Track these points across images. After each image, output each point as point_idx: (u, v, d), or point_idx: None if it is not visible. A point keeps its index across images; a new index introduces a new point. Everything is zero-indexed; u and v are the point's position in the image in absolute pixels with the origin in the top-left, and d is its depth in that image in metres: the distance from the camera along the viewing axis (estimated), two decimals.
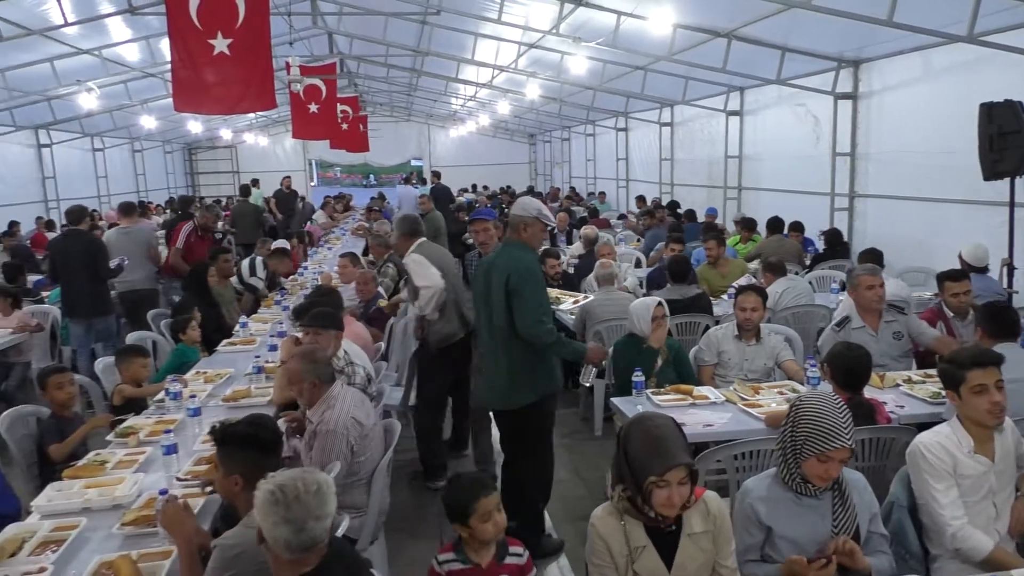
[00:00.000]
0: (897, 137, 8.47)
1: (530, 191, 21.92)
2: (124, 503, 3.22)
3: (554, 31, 10.15)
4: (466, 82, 16.33)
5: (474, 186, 23.31)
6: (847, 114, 9.24)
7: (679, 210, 12.35)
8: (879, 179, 8.92)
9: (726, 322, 5.32)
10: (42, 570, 2.67)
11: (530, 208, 4.11)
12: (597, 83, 13.11)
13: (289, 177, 17.31)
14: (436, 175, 18.83)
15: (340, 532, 2.90)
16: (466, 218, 14.92)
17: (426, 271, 5.22)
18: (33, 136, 15.87)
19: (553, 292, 5.78)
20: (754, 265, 8.03)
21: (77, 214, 8.12)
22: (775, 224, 8.99)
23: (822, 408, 2.56)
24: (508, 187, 22.54)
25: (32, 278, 9.07)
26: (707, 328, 5.73)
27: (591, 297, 6.22)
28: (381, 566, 3.66)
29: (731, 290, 6.75)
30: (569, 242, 12.00)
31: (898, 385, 4.42)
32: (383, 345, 5.78)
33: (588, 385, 4.38)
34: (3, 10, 8.32)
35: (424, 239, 5.58)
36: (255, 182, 17.25)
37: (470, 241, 12.79)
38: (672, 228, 9.88)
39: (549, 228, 4.35)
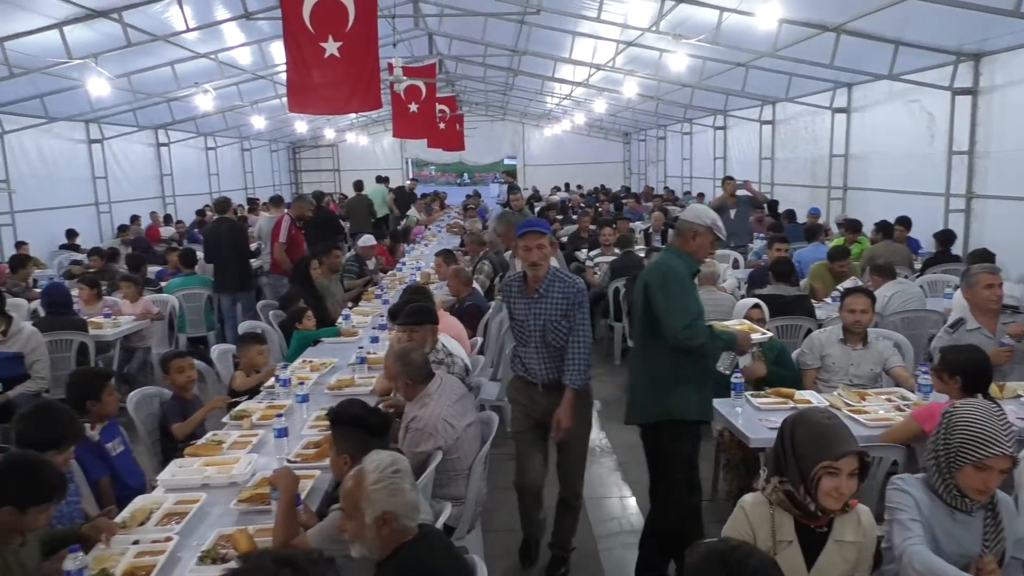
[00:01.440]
0: (1021, 135, 7.99)
1: (625, 191, 21.77)
2: (239, 481, 3.41)
3: (653, 28, 10.05)
4: (562, 81, 16.36)
5: (567, 185, 23.31)
6: (965, 110, 8.77)
7: (779, 210, 12.03)
8: (1000, 179, 8.43)
9: (829, 325, 5.16)
10: (168, 539, 2.86)
11: (704, 217, 3.78)
12: (696, 80, 12.89)
13: (415, 180, 18.21)
14: (510, 174, 19.16)
15: (441, 521, 2.99)
16: (558, 217, 15.00)
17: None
18: (153, 136, 16.89)
19: None
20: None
21: (223, 205, 9.64)
22: (885, 228, 8.62)
23: (979, 413, 2.45)
24: (602, 186, 22.44)
25: (152, 269, 9.64)
26: (808, 331, 5.58)
27: None
28: (476, 554, 3.73)
29: (835, 293, 6.55)
30: (664, 241, 11.87)
31: (1019, 396, 4.17)
32: (480, 340, 5.87)
33: (727, 373, 4.16)
34: (132, 18, 8.89)
35: None
36: (378, 178, 18.02)
37: (562, 239, 12.93)
38: (772, 228, 9.63)
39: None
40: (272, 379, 4.92)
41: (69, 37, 8.80)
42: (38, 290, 8.30)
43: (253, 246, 9.57)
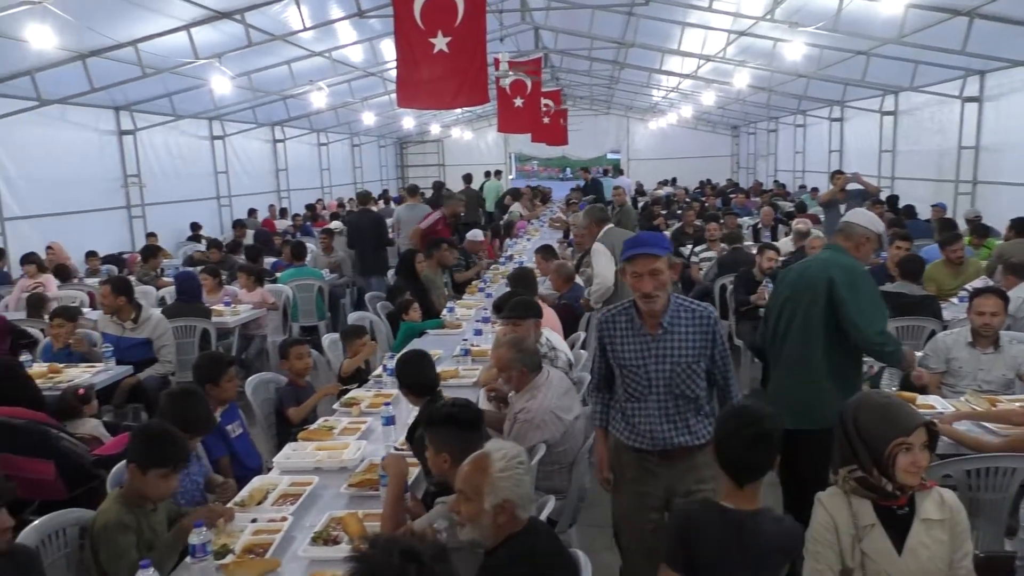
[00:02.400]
0: None
1: (732, 184, 21.18)
2: (349, 466, 3.51)
3: (768, 17, 9.70)
4: (669, 73, 16.04)
5: (673, 179, 22.87)
6: None
7: (898, 206, 11.39)
8: None
9: (955, 327, 4.85)
10: (284, 519, 2.97)
11: (877, 225, 3.71)
12: (812, 70, 12.37)
13: (529, 186, 18.51)
14: (584, 170, 19.05)
15: (545, 514, 2.98)
16: (662, 212, 14.72)
17: (604, 265, 5.66)
18: (270, 132, 17.65)
19: None
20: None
21: (365, 197, 11.54)
22: (1019, 225, 7.99)
23: None
24: (708, 180, 21.90)
25: (268, 260, 10.08)
26: (932, 333, 5.27)
27: None
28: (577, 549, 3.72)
29: (963, 293, 6.15)
30: (774, 237, 11.46)
31: None
32: (583, 335, 5.83)
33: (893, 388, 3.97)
34: (253, 18, 9.30)
35: (612, 225, 6.13)
36: (487, 173, 18.56)
37: (666, 234, 12.68)
38: (893, 225, 9.12)
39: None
40: (380, 368, 5.06)
41: (196, 38, 9.30)
42: (166, 279, 8.84)
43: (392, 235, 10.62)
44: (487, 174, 19.24)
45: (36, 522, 2.79)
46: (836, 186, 10.01)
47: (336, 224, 12.80)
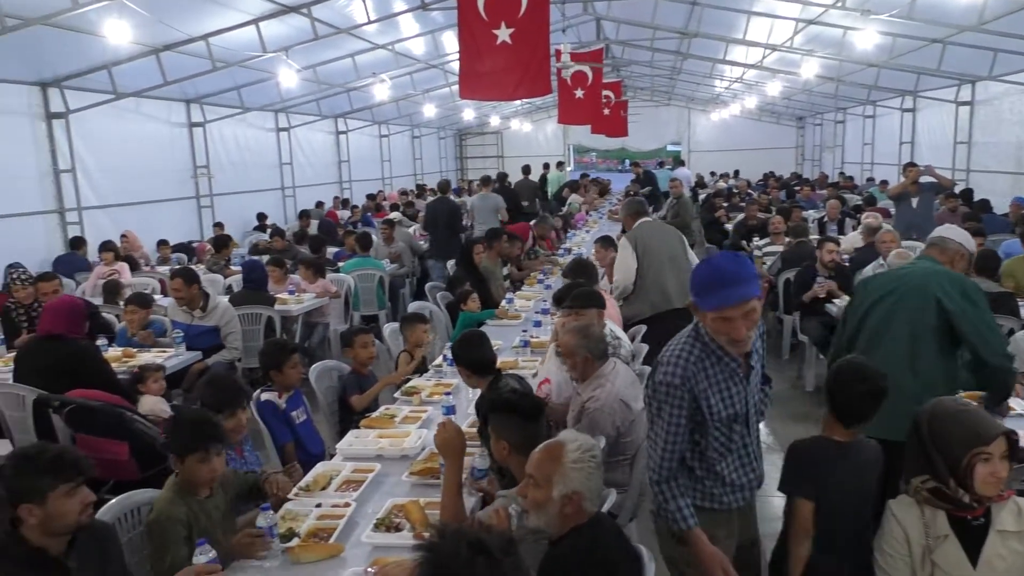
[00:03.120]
0: None
1: (796, 177, 20.69)
2: (410, 454, 3.56)
3: (839, 4, 9.41)
4: (733, 63, 15.71)
5: (736, 172, 22.46)
6: None
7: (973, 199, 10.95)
8: None
9: None
10: (347, 504, 3.03)
11: (970, 243, 3.69)
12: (883, 59, 11.96)
13: (586, 174, 18.43)
14: (635, 164, 18.89)
15: (606, 507, 2.96)
16: (723, 205, 14.47)
17: (626, 263, 5.80)
18: (333, 124, 17.95)
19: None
20: None
21: (444, 186, 11.94)
22: None
23: None
24: (771, 172, 21.44)
25: (332, 250, 10.26)
26: (1011, 332, 5.05)
27: None
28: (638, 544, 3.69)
29: None
30: (840, 231, 11.16)
31: None
32: (643, 328, 5.77)
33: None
34: (319, 12, 9.46)
35: (647, 218, 6.25)
36: (559, 163, 18.66)
37: (727, 227, 12.47)
38: (967, 219, 8.78)
39: None
40: (440, 358, 5.10)
41: (264, 32, 9.51)
42: (234, 267, 9.08)
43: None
44: (545, 165, 19.20)
45: (112, 500, 2.89)
46: (908, 179, 9.67)
47: (396, 215, 13.00)
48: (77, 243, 9.52)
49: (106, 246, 8.92)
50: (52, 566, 2.36)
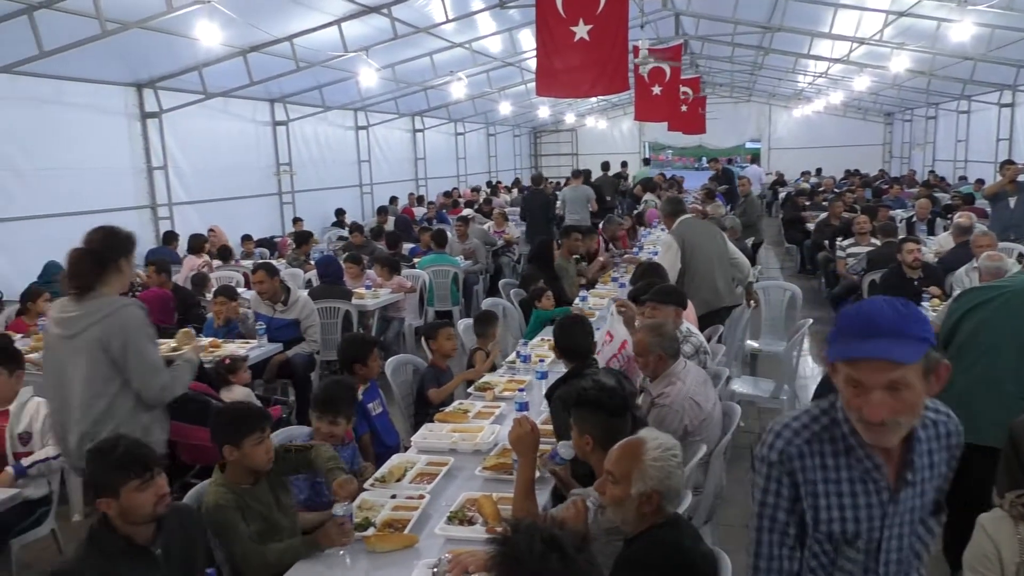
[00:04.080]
0: None
1: (883, 175, 19.93)
2: (483, 449, 3.58)
3: None
4: (818, 58, 15.24)
5: (819, 170, 21.79)
6: None
7: None
8: None
9: None
10: (421, 497, 3.07)
11: None
12: (980, 52, 11.40)
13: (662, 174, 18.30)
14: (713, 160, 18.48)
15: (681, 508, 2.92)
16: (806, 203, 14.05)
17: (670, 263, 5.69)
18: (410, 122, 18.21)
19: None
20: None
21: (538, 179, 13.84)
22: None
23: None
24: (856, 171, 20.71)
25: (407, 246, 10.42)
26: None
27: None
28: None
29: None
30: (930, 232, 10.70)
31: None
32: (720, 328, 5.67)
33: None
34: (399, 12, 9.61)
35: (687, 216, 6.16)
36: (607, 165, 18.58)
37: (809, 227, 12.11)
38: None
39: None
40: (513, 355, 5.13)
41: (345, 32, 9.73)
42: (313, 262, 9.32)
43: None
44: (624, 164, 19.17)
45: (199, 485, 3.02)
46: (1005, 177, 9.18)
47: (469, 211, 13.17)
48: (169, 238, 9.94)
49: (195, 240, 9.30)
50: (139, 553, 2.46)
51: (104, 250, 3.31)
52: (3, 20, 6.82)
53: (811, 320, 5.70)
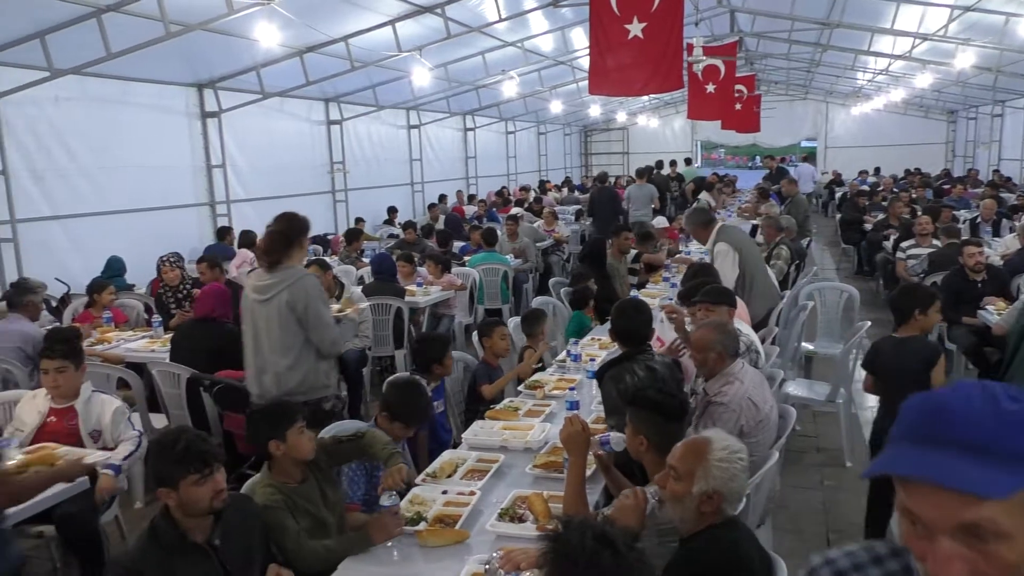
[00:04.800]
0: None
1: (945, 174, 19.34)
2: (534, 447, 3.59)
3: None
4: (878, 54, 14.84)
5: (877, 169, 21.24)
6: None
7: None
8: None
9: None
10: (472, 493, 3.09)
11: None
12: None
13: (716, 174, 18.21)
14: (770, 157, 18.17)
15: (737, 510, 2.88)
16: (864, 203, 13.70)
17: (726, 270, 5.60)
18: (461, 121, 18.31)
19: None
20: None
21: (603, 176, 14.57)
22: None
23: None
24: (917, 169, 20.12)
25: (457, 244, 10.48)
26: None
27: None
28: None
29: None
30: (995, 233, 10.34)
31: None
32: (775, 329, 5.58)
33: None
34: (453, 11, 9.67)
35: (723, 224, 6.11)
36: (660, 164, 18.69)
37: (867, 227, 11.82)
38: None
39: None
40: (563, 353, 5.13)
41: (399, 32, 9.82)
42: (365, 259, 9.45)
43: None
44: (672, 163, 18.93)
45: (252, 479, 3.08)
46: None
47: (517, 210, 13.19)
48: (223, 233, 10.18)
49: (245, 236, 9.56)
50: (196, 547, 2.51)
51: (289, 231, 4.04)
52: (74, 23, 7.07)
53: (869, 322, 5.57)
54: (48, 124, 8.20)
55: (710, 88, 11.90)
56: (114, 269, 7.83)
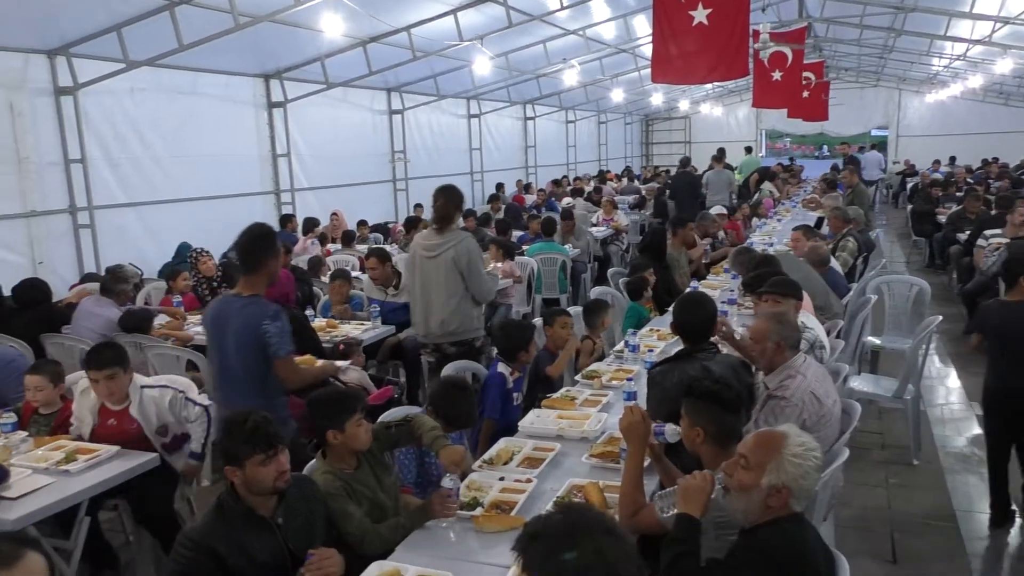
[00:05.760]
0: None
1: None
2: (590, 437, 3.58)
3: None
4: (956, 39, 14.25)
5: (952, 159, 20.45)
6: None
7: None
8: None
9: None
10: (528, 480, 3.10)
11: None
12: None
13: (780, 164, 18.10)
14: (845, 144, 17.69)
15: (803, 507, 2.83)
16: (939, 194, 13.21)
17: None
18: (521, 110, 18.30)
19: None
20: None
21: (685, 161, 14.77)
22: None
23: None
24: (994, 159, 19.29)
25: (516, 234, 10.49)
26: None
27: None
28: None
29: None
30: None
31: None
32: (840, 323, 5.43)
33: None
34: (514, 0, 9.65)
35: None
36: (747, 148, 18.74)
37: (941, 219, 11.38)
38: None
39: None
40: (621, 344, 5.10)
41: (461, 21, 9.85)
42: None
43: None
44: (722, 151, 18.64)
45: (310, 464, 3.14)
46: None
47: (568, 200, 13.18)
48: (285, 220, 10.41)
49: (308, 225, 9.76)
50: (261, 522, 2.60)
51: (453, 199, 5.01)
52: (148, 16, 7.31)
53: (940, 317, 5.38)
54: (124, 114, 8.51)
55: (776, 75, 11.61)
56: (182, 255, 8.09)
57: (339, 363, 4.48)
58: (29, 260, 7.53)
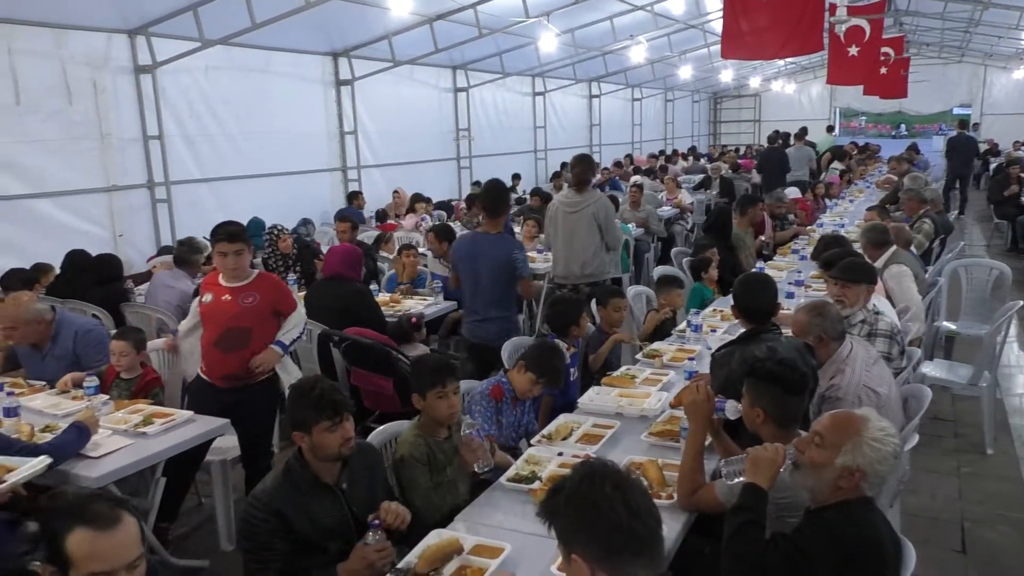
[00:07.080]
0: None
1: None
2: (649, 415, 3.57)
3: None
4: None
5: None
6: None
7: None
8: None
9: None
10: (587, 457, 3.11)
11: None
12: None
13: (854, 143, 17.76)
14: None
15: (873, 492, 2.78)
16: (1021, 174, 12.58)
17: (908, 289, 5.17)
18: (587, 88, 18.12)
19: None
20: None
21: (774, 137, 14.87)
22: None
23: None
24: None
25: None
26: None
27: None
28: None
29: None
30: None
31: None
32: (911, 310, 5.25)
33: None
34: None
35: (897, 249, 5.53)
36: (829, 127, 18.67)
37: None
38: None
39: None
40: (683, 323, 5.05)
41: None
42: None
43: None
44: (804, 130, 18.09)
45: (378, 429, 3.23)
46: None
47: (636, 178, 12.98)
48: (352, 197, 10.59)
49: (381, 215, 9.94)
50: (325, 488, 2.69)
51: (588, 163, 6.02)
52: None
53: (1021, 302, 5.15)
54: (199, 92, 8.76)
55: (853, 51, 11.17)
56: (253, 230, 8.32)
57: None
58: (111, 233, 7.86)
